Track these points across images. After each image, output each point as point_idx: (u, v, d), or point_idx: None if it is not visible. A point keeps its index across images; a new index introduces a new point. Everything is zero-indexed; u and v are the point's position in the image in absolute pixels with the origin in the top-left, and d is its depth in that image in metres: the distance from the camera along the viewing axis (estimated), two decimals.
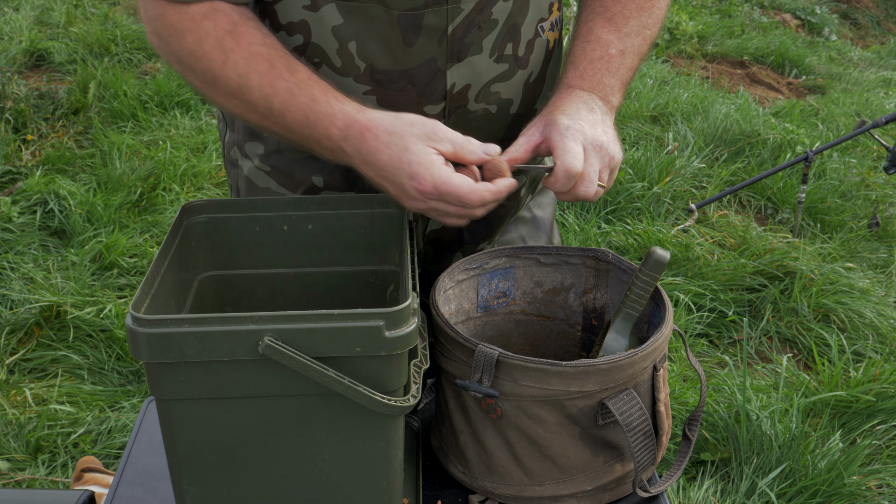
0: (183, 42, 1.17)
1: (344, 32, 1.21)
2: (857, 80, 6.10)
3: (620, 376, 1.14)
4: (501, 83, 1.31)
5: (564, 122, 1.17)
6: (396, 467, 1.04)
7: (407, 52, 1.23)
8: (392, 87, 1.25)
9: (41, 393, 2.72)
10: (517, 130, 1.34)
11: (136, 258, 3.40)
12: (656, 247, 1.22)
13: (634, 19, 1.31)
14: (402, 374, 0.98)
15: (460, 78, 1.27)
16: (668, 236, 3.61)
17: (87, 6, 5.99)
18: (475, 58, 1.27)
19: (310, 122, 1.15)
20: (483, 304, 1.37)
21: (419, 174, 1.10)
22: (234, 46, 1.16)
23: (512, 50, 1.29)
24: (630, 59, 1.30)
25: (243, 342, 0.93)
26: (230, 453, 1.01)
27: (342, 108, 1.15)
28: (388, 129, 1.12)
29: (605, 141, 1.18)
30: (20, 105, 4.35)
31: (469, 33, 1.24)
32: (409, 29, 1.21)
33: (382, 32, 1.21)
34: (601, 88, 1.26)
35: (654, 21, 1.33)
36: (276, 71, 1.16)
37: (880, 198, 4.21)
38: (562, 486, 1.19)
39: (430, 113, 1.28)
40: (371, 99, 1.26)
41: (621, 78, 1.29)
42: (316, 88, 1.16)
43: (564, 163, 1.14)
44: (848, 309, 3.25)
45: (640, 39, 1.31)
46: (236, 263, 1.27)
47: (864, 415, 2.70)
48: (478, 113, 1.32)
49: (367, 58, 1.23)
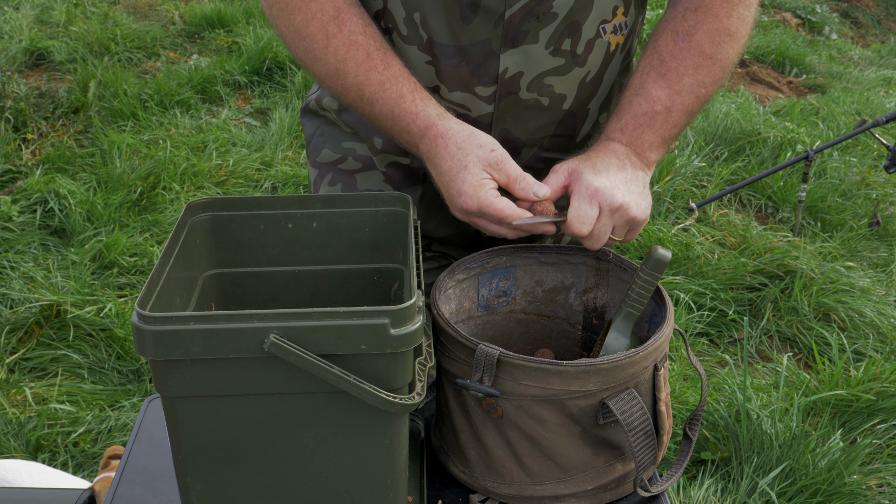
0: (291, 19, 1.28)
1: (410, 2, 1.27)
2: (857, 78, 6.10)
3: (621, 376, 1.14)
4: (556, 77, 1.32)
5: (588, 178, 1.21)
6: (401, 465, 1.05)
7: (463, 29, 1.27)
8: (447, 61, 1.30)
9: (41, 392, 2.72)
10: (568, 127, 1.39)
11: (137, 257, 3.40)
12: (657, 246, 1.22)
13: (689, 77, 1.29)
14: (407, 371, 0.99)
15: (513, 64, 1.29)
16: (669, 235, 3.61)
17: (87, 5, 5.99)
18: (531, 46, 1.28)
19: (395, 116, 1.25)
20: (484, 304, 1.37)
21: (467, 193, 1.19)
22: (336, 32, 1.26)
23: (570, 46, 1.30)
24: (677, 116, 1.30)
25: (249, 340, 0.93)
26: (235, 450, 1.01)
27: (425, 109, 1.24)
28: (458, 143, 1.21)
29: (625, 202, 1.21)
30: (20, 104, 4.35)
31: (526, 21, 1.26)
32: (467, 6, 1.25)
33: (444, 6, 1.26)
34: (639, 144, 1.28)
35: (711, 80, 1.31)
36: (372, 62, 1.25)
37: (881, 197, 4.22)
38: (562, 486, 1.19)
39: (482, 94, 1.31)
40: (430, 70, 1.31)
41: (663, 135, 1.29)
42: (405, 86, 1.25)
43: (572, 225, 1.20)
44: (848, 308, 3.25)
45: (692, 98, 1.30)
46: (241, 261, 1.28)
47: (864, 414, 2.70)
48: (529, 102, 1.33)
49: (428, 30, 1.28)
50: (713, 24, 1.29)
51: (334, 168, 1.50)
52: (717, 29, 1.29)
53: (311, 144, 1.54)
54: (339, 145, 1.48)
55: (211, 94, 5.01)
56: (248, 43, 5.41)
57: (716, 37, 1.29)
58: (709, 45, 1.29)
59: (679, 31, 1.30)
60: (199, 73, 5.05)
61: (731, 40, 1.31)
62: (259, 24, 5.76)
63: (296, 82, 5.04)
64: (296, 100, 4.87)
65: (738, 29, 1.31)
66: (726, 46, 1.30)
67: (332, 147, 1.49)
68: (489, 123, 1.35)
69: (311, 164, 1.54)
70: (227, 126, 4.60)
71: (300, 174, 4.12)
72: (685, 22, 1.30)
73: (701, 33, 1.29)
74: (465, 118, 1.34)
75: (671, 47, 1.30)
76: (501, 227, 1.21)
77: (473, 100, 1.32)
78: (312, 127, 1.55)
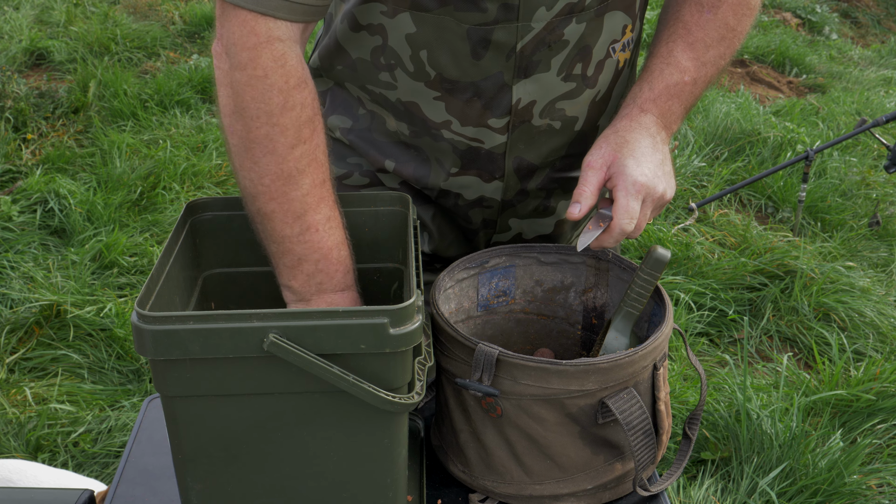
0: (268, 96, 1.09)
1: (417, 40, 1.23)
2: (857, 78, 6.10)
3: (621, 375, 1.14)
4: (567, 101, 1.31)
5: (631, 172, 1.19)
6: (400, 464, 1.05)
7: (474, 65, 1.24)
8: (459, 96, 1.27)
9: (41, 392, 2.72)
10: (580, 146, 1.36)
11: (136, 257, 3.40)
12: (657, 245, 1.22)
13: (714, 49, 1.29)
14: (406, 371, 0.99)
15: (526, 94, 1.28)
16: (669, 235, 3.61)
17: (87, 5, 5.99)
18: (543, 75, 1.27)
19: (325, 255, 1.15)
20: (483, 303, 1.37)
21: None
22: (308, 138, 1.13)
23: (581, 70, 1.29)
24: (700, 87, 1.30)
25: (248, 339, 0.93)
26: (235, 450, 1.01)
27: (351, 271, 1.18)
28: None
29: (663, 188, 1.21)
30: (20, 104, 4.35)
31: (538, 51, 1.25)
32: (478, 43, 1.22)
33: (452, 44, 1.23)
34: (668, 115, 1.28)
35: (730, 52, 1.32)
36: (326, 190, 1.16)
37: (881, 196, 4.22)
38: (562, 485, 1.19)
39: (495, 126, 1.30)
40: (440, 105, 1.28)
41: (686, 106, 1.30)
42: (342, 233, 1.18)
43: (621, 223, 1.18)
44: (848, 308, 3.25)
45: (713, 70, 1.30)
46: (241, 261, 1.28)
47: (864, 414, 2.70)
48: (542, 128, 1.32)
49: (437, 66, 1.25)
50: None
51: (340, 184, 1.46)
52: (741, 2, 1.30)
53: None
54: (345, 160, 1.44)
55: (211, 94, 5.01)
56: None
57: (739, 10, 1.30)
58: (733, 18, 1.29)
59: (704, 1, 1.30)
60: (199, 73, 5.05)
61: (751, 14, 1.32)
62: None
63: None
64: None
65: (756, 3, 1.32)
66: (746, 20, 1.31)
67: (337, 163, 1.44)
68: (503, 153, 1.34)
69: None
70: None
71: None
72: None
73: (726, 6, 1.29)
74: (477, 151, 1.33)
75: (697, 17, 1.29)
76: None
77: (486, 132, 1.31)
78: None
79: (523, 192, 1.40)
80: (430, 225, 1.45)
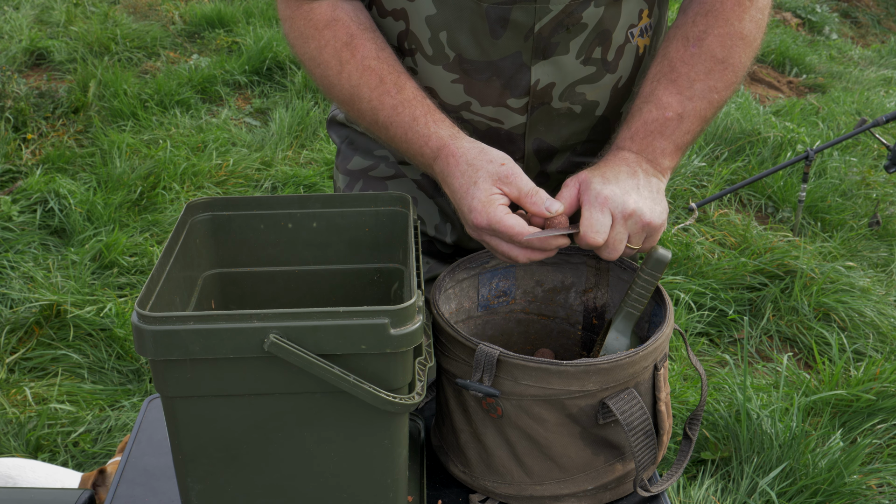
0: (306, 47, 1.30)
1: (436, 22, 1.27)
2: (857, 78, 6.11)
3: (621, 375, 1.14)
4: (588, 85, 1.32)
5: (596, 187, 1.18)
6: (401, 465, 1.05)
7: (493, 44, 1.27)
8: (478, 76, 1.30)
9: (41, 392, 2.72)
10: (602, 133, 1.38)
11: (136, 257, 3.40)
12: (657, 246, 1.22)
13: (701, 83, 1.27)
14: (406, 371, 0.99)
15: (545, 75, 1.30)
16: (669, 235, 3.61)
17: (87, 5, 5.99)
18: (561, 57, 1.29)
19: (408, 139, 1.25)
20: (483, 304, 1.37)
21: (476, 209, 1.17)
22: (349, 58, 1.27)
23: (601, 54, 1.30)
24: (689, 123, 1.27)
25: (249, 339, 0.93)
26: (235, 450, 1.01)
27: (438, 131, 1.24)
28: (469, 160, 1.20)
29: (638, 208, 1.18)
30: (20, 104, 4.35)
31: (556, 33, 1.26)
32: (496, 22, 1.25)
33: (471, 23, 1.26)
34: (650, 151, 1.26)
35: (724, 84, 1.28)
36: (385, 87, 1.26)
37: (881, 196, 4.22)
38: (562, 486, 1.19)
39: (514, 106, 1.32)
40: (458, 88, 1.31)
41: (676, 141, 1.27)
42: (418, 108, 1.25)
43: (586, 235, 1.18)
44: (848, 308, 3.25)
45: (704, 103, 1.28)
46: (241, 261, 1.28)
47: (864, 414, 2.71)
48: (561, 111, 1.34)
49: (456, 47, 1.28)
50: (724, 28, 1.27)
51: (365, 175, 1.50)
52: (728, 33, 1.27)
53: (340, 154, 1.54)
54: (371, 153, 1.48)
55: (211, 94, 5.01)
56: (248, 43, 5.41)
57: (727, 41, 1.28)
58: (720, 50, 1.27)
59: (689, 36, 1.28)
60: (199, 73, 5.05)
61: (744, 44, 1.29)
62: (259, 24, 5.76)
63: (296, 82, 5.04)
64: (296, 99, 4.86)
65: (750, 32, 1.29)
66: (738, 50, 1.28)
67: (364, 154, 1.49)
68: (522, 134, 1.35)
69: (342, 172, 1.53)
70: (227, 126, 4.60)
71: (300, 174, 4.12)
72: (696, 27, 1.28)
73: (712, 37, 1.27)
74: (497, 131, 1.34)
75: (682, 53, 1.28)
76: (512, 248, 1.18)
77: (506, 112, 1.32)
78: (340, 137, 1.55)
79: (544, 175, 1.42)
80: (452, 216, 1.47)
